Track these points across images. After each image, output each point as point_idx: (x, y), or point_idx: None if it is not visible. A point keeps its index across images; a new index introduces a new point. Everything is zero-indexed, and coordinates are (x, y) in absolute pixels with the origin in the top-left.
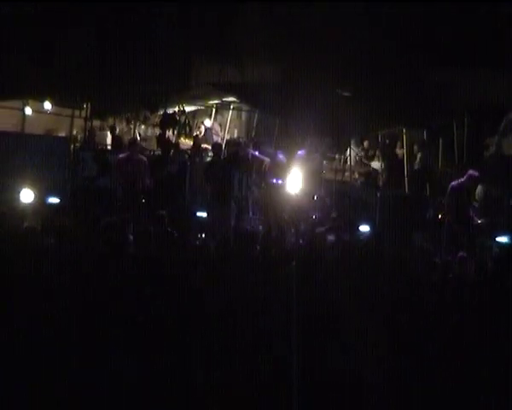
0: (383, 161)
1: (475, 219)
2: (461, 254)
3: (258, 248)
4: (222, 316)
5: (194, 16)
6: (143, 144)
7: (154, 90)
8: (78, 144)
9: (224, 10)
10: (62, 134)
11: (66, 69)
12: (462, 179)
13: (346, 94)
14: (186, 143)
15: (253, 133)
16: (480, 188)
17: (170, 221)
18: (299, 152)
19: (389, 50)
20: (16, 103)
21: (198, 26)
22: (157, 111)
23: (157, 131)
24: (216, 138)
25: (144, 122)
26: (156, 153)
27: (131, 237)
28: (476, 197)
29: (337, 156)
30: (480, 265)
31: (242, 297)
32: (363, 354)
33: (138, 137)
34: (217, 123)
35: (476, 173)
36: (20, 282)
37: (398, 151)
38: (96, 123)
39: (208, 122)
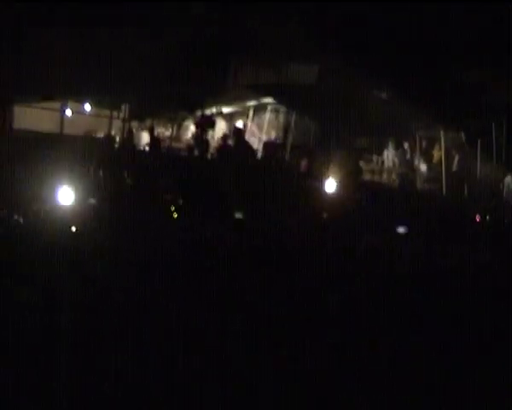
0: (421, 162)
1: None
2: None
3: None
4: None
5: (231, 18)
6: (181, 145)
7: (191, 92)
8: (116, 145)
9: (260, 11)
10: (101, 135)
11: (104, 71)
12: None
13: (382, 95)
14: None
15: (291, 135)
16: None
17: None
18: (336, 153)
19: (426, 51)
20: (56, 105)
21: (235, 28)
22: (195, 112)
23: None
24: (253, 140)
25: (182, 123)
26: (194, 154)
27: None
28: (506, 189)
29: (375, 158)
30: None
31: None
32: None
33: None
34: (254, 124)
35: None
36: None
37: (436, 153)
38: (135, 124)
39: (240, 123)
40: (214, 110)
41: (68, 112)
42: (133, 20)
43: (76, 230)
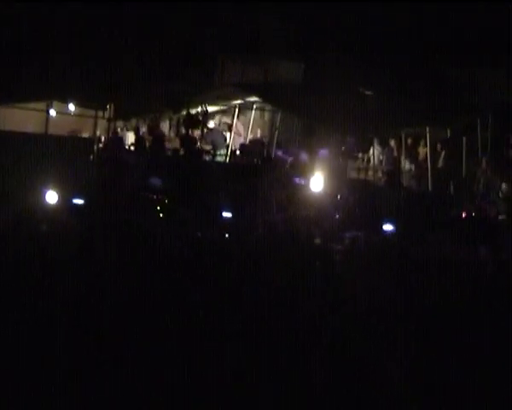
0: (406, 159)
1: None
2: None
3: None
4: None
5: (217, 17)
6: (167, 144)
7: (177, 91)
8: (101, 145)
9: (247, 11)
10: (86, 135)
11: (89, 70)
12: None
13: (368, 93)
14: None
15: (276, 133)
16: (504, 186)
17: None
18: (322, 151)
19: (413, 49)
20: (40, 105)
21: (222, 27)
22: (180, 112)
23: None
24: (238, 139)
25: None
26: (180, 153)
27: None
28: (500, 195)
29: (360, 155)
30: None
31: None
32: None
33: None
34: (240, 123)
35: None
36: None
37: (422, 150)
38: (120, 123)
39: (211, 123)
40: (200, 109)
41: (53, 112)
42: (119, 20)
43: (60, 229)
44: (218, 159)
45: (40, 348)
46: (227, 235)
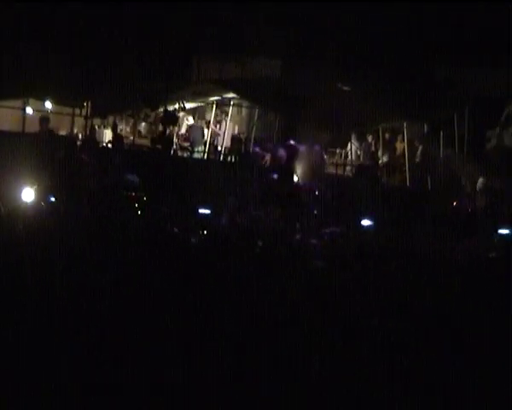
0: (384, 155)
1: None
2: None
3: (259, 243)
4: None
5: (194, 13)
6: (144, 142)
7: (154, 88)
8: (78, 143)
9: (224, 8)
10: (63, 133)
11: (66, 68)
12: None
13: (345, 88)
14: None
15: (254, 129)
16: (480, 180)
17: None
18: (299, 147)
19: (389, 44)
20: (17, 103)
21: (198, 23)
22: (157, 108)
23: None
24: (216, 135)
25: (145, 120)
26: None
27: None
28: (477, 189)
29: (338, 151)
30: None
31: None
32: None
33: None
34: (217, 119)
35: None
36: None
37: (399, 145)
38: (97, 121)
39: (191, 119)
40: (177, 106)
41: (29, 110)
42: (96, 18)
43: (36, 227)
44: (197, 155)
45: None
46: (205, 232)
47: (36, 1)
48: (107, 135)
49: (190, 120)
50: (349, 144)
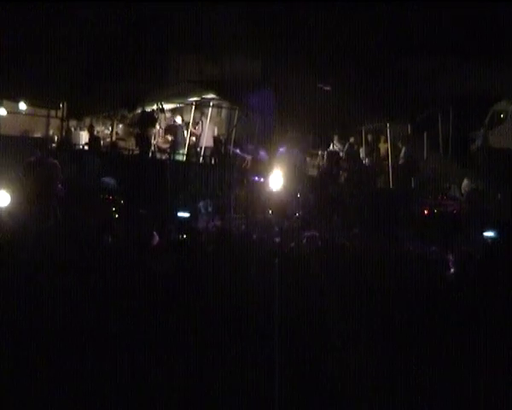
0: (367, 156)
1: None
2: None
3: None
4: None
5: (173, 14)
6: (122, 144)
7: (131, 89)
8: (54, 145)
9: (203, 7)
10: (38, 135)
11: (41, 69)
12: None
13: (326, 88)
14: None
15: (234, 130)
16: (465, 182)
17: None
18: (281, 149)
19: (369, 41)
20: None
21: (177, 24)
22: (135, 110)
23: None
24: (194, 136)
25: (122, 121)
26: (135, 152)
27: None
28: (462, 191)
29: (320, 152)
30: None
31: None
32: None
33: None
34: (196, 121)
35: None
36: None
37: (382, 146)
38: (73, 123)
39: (179, 119)
40: (155, 107)
41: (3, 111)
42: (72, 18)
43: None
44: (179, 158)
45: None
46: (185, 236)
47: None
48: (84, 137)
49: (178, 121)
50: (331, 146)
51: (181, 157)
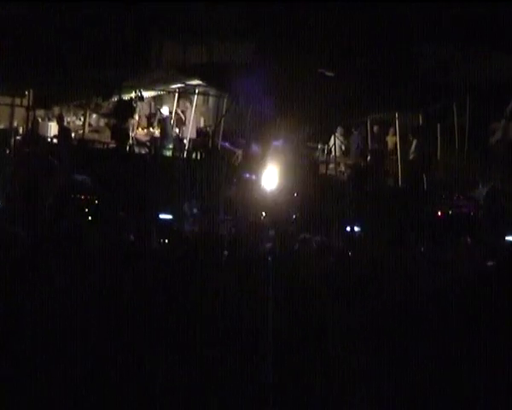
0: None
1: None
2: None
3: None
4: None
5: None
6: (95, 136)
7: (106, 75)
8: (19, 137)
9: None
10: (1, 126)
11: (3, 51)
12: None
13: (328, 74)
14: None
15: (222, 122)
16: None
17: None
18: (275, 142)
19: (378, 23)
20: None
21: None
22: (111, 98)
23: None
24: (180, 127)
25: (96, 111)
26: (110, 146)
27: None
28: (481, 190)
29: (319, 146)
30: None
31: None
32: None
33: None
34: (179, 110)
35: None
36: None
37: (390, 139)
38: (41, 113)
39: (166, 110)
40: (133, 95)
41: None
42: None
43: None
44: (167, 153)
45: None
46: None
47: None
48: (53, 128)
49: (165, 112)
50: (332, 139)
51: (169, 152)
